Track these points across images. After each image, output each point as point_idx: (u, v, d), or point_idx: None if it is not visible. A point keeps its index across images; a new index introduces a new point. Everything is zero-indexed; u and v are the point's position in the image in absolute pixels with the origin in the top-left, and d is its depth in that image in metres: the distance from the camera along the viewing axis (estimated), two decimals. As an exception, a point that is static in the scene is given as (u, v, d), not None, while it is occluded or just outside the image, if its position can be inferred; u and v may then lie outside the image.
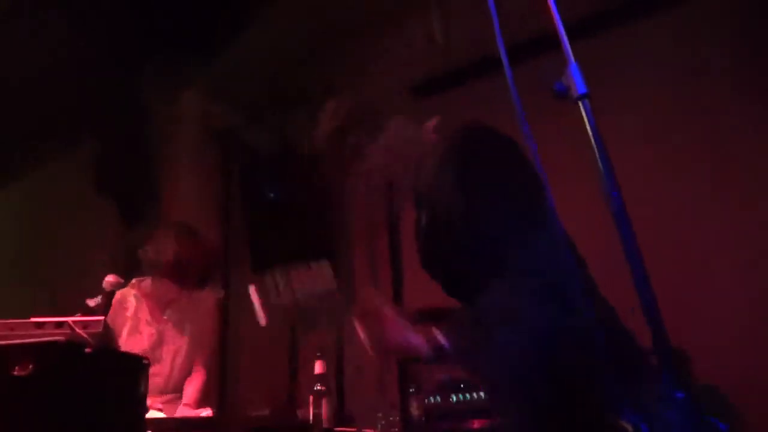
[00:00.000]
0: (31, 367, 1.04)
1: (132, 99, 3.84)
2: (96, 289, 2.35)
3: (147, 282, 2.31)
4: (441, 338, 1.16)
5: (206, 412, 1.95)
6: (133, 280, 2.33)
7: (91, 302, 2.18)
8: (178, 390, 2.22)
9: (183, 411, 2.08)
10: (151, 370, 2.13)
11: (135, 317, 2.26)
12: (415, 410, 2.24)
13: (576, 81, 0.78)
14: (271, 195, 3.81)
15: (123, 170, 3.79)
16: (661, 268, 1.17)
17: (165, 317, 2.29)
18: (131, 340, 2.20)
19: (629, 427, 0.72)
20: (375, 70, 3.74)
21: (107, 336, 1.29)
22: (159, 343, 2.25)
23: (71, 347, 1.08)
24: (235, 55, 3.79)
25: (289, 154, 4.02)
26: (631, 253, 0.72)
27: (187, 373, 2.26)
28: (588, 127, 0.76)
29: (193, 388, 2.21)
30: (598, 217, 1.11)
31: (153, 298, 2.30)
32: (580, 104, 0.77)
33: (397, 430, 2.10)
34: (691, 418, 0.64)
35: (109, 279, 2.00)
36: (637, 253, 0.72)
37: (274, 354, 3.96)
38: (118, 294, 2.26)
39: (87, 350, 1.10)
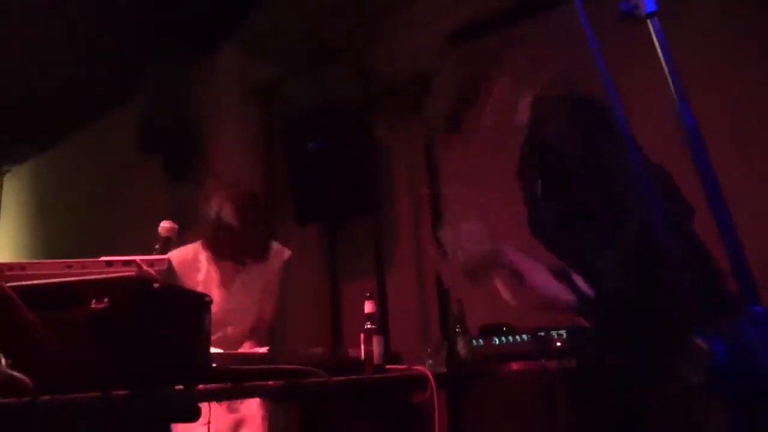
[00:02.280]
0: (106, 300, 1.10)
1: (172, 56, 3.87)
2: (148, 244, 2.43)
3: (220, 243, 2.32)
4: (582, 284, 1.16)
5: (263, 349, 2.03)
6: (202, 240, 2.34)
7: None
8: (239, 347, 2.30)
9: (245, 348, 2.17)
10: (224, 331, 2.21)
11: (206, 281, 2.28)
12: (461, 349, 2.29)
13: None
14: (315, 148, 3.82)
15: (168, 127, 3.86)
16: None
17: (236, 281, 2.32)
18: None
19: (704, 345, 0.73)
20: (416, 18, 3.67)
21: (172, 274, 1.34)
22: (229, 308, 2.29)
23: (142, 282, 1.14)
24: (273, 7, 3.76)
25: (332, 107, 4.02)
26: (705, 176, 0.71)
27: (249, 331, 2.33)
28: (657, 47, 0.73)
29: (257, 338, 2.28)
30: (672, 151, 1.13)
31: (224, 261, 2.32)
32: (649, 23, 0.74)
33: (443, 367, 2.15)
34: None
35: (165, 225, 2.06)
36: (712, 175, 0.70)
37: (318, 300, 4.06)
38: (190, 252, 2.30)
39: (155, 286, 1.16)
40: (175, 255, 2.21)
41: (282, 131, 4.10)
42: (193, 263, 2.27)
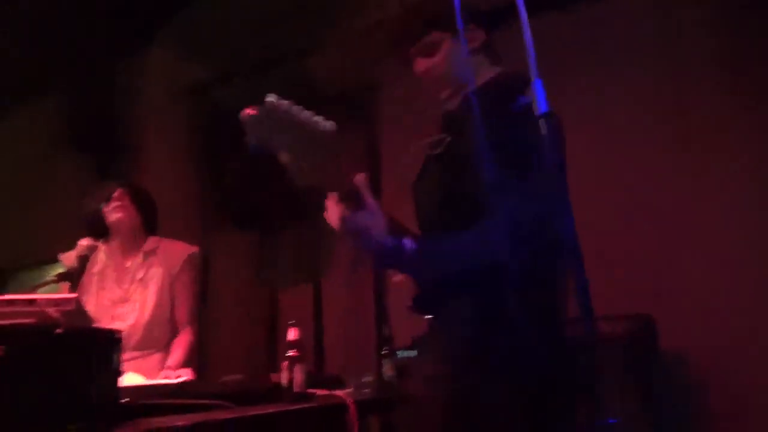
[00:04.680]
0: (1, 349, 1.06)
1: (98, 52, 3.73)
2: (71, 243, 2.36)
3: (113, 239, 2.33)
4: (410, 245, 1.16)
5: (184, 377, 2.00)
6: (103, 239, 2.34)
7: (64, 257, 2.20)
8: (140, 348, 2.25)
9: (164, 373, 2.13)
10: (110, 326, 2.18)
11: (101, 274, 2.28)
12: (387, 370, 2.32)
13: (539, 98, 0.78)
14: (248, 153, 3.76)
15: (92, 123, 3.73)
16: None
17: (130, 275, 2.30)
18: (97, 298, 2.23)
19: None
20: (361, 26, 3.65)
21: (79, 313, 1.30)
22: (123, 300, 2.27)
23: (41, 330, 1.10)
24: (211, 7, 3.67)
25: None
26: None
27: (157, 331, 2.28)
28: (550, 147, 0.76)
29: (180, 350, 2.24)
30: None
31: (117, 254, 2.32)
32: (541, 122, 0.77)
33: (368, 390, 2.17)
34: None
35: (83, 242, 2.01)
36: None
37: (253, 317, 4.02)
38: (93, 246, 2.29)
39: (57, 331, 1.12)
40: (89, 240, 2.28)
41: (214, 135, 4.02)
42: (93, 258, 2.29)
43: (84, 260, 1.96)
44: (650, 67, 2.95)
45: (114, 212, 2.28)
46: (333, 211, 1.15)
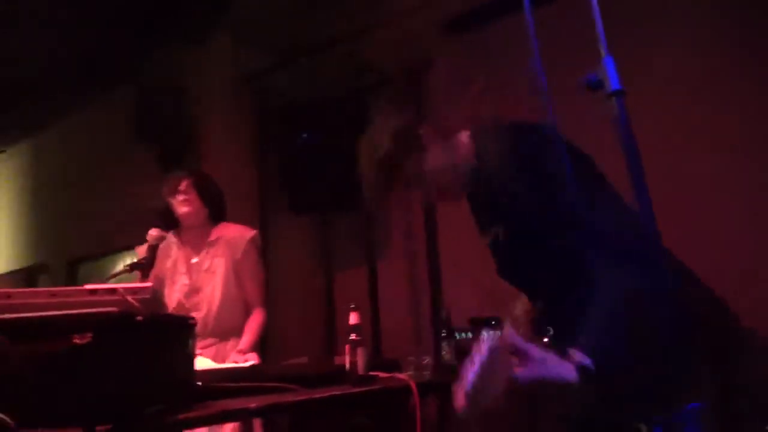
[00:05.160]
0: (89, 336, 1.13)
1: (163, 44, 3.84)
2: (141, 235, 2.47)
3: (184, 231, 2.41)
4: (581, 358, 1.04)
5: (251, 361, 2.07)
6: (175, 230, 2.42)
7: (139, 250, 2.29)
8: (216, 335, 2.33)
9: (234, 357, 2.20)
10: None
11: (173, 266, 2.36)
12: (446, 353, 2.33)
13: (610, 76, 0.76)
14: (307, 138, 3.81)
15: (159, 116, 3.85)
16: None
17: (196, 265, 2.37)
18: (171, 290, 2.32)
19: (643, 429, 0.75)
20: (406, 8, 3.62)
21: (155, 300, 1.37)
22: (194, 290, 2.34)
23: (124, 317, 1.16)
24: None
25: (324, 97, 3.99)
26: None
27: (231, 318, 2.35)
28: (619, 126, 0.74)
29: (251, 332, 2.29)
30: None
31: (187, 246, 2.39)
32: (613, 100, 0.75)
33: (428, 372, 2.19)
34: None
35: (152, 233, 2.09)
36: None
37: (310, 290, 4.10)
38: (166, 238, 2.37)
39: (138, 318, 1.18)
40: (158, 231, 2.27)
41: (275, 121, 4.08)
42: (166, 249, 2.35)
43: (154, 249, 2.04)
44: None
45: (181, 205, 2.34)
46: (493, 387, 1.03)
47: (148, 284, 1.32)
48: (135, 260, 2.02)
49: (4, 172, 6.00)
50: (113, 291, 1.29)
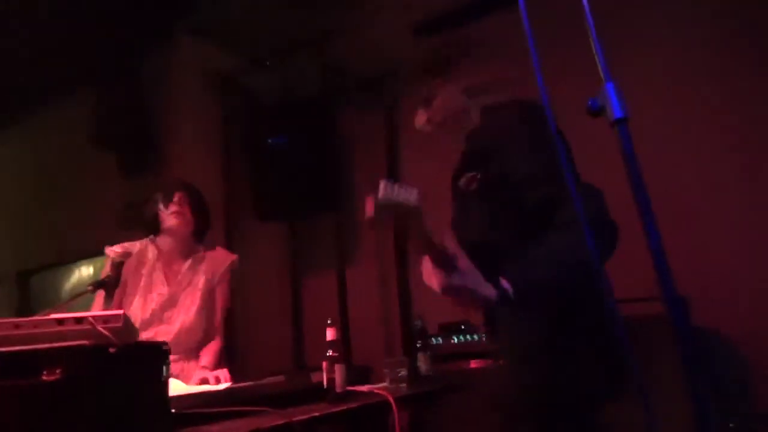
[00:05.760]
0: (59, 371, 1.06)
1: (127, 46, 3.69)
2: (102, 243, 2.37)
3: (163, 240, 2.33)
4: (507, 286, 1.20)
5: (222, 377, 2.01)
6: (151, 236, 2.35)
7: (109, 251, 2.20)
8: (182, 352, 2.27)
9: (201, 373, 2.14)
10: (159, 329, 2.20)
11: (149, 276, 2.28)
12: (422, 364, 2.32)
13: (613, 103, 0.74)
14: (276, 142, 3.74)
15: (121, 120, 3.70)
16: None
17: (179, 278, 2.31)
18: (145, 300, 2.23)
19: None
20: (376, 9, 3.59)
21: (128, 328, 1.30)
22: (170, 304, 2.28)
23: (96, 350, 1.10)
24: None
25: (293, 100, 3.92)
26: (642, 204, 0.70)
27: (196, 335, 2.29)
28: (624, 154, 0.73)
29: (210, 353, 2.26)
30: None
31: (167, 257, 2.32)
32: (616, 128, 0.74)
33: (404, 385, 2.17)
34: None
35: (116, 249, 2.00)
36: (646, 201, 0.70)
37: (279, 296, 4.03)
38: (137, 246, 2.31)
39: (111, 350, 1.12)
40: (121, 247, 2.28)
41: (242, 124, 3.99)
42: (139, 257, 2.29)
43: (119, 267, 1.95)
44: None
45: (173, 217, 2.29)
46: (430, 275, 1.21)
47: (120, 312, 1.24)
48: (98, 279, 1.93)
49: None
50: (82, 320, 1.22)
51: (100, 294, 1.96)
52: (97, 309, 2.06)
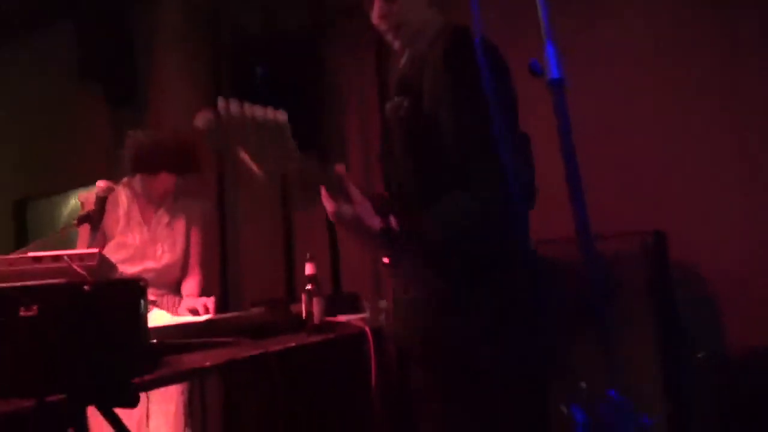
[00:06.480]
0: (35, 308, 1.12)
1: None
2: (90, 175, 2.40)
3: (137, 180, 2.35)
4: (394, 224, 1.20)
5: (208, 304, 2.10)
6: (125, 179, 2.37)
7: (83, 198, 2.23)
8: (169, 286, 2.37)
9: (189, 301, 2.24)
10: (144, 265, 2.28)
11: (127, 216, 2.34)
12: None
13: (551, 64, 0.75)
14: (262, 74, 3.68)
15: (106, 51, 3.63)
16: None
17: (156, 216, 2.36)
18: (124, 238, 2.30)
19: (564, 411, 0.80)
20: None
21: (104, 265, 1.35)
22: (151, 241, 2.35)
23: (71, 288, 1.15)
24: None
25: (280, 31, 3.83)
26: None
27: (179, 272, 2.38)
28: (558, 114, 0.75)
29: (191, 286, 2.34)
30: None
31: (144, 197, 2.36)
32: (552, 89, 0.75)
33: (383, 317, 2.26)
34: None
35: (101, 184, 2.03)
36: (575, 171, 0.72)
37: (271, 252, 4.11)
38: (113, 188, 2.32)
39: (85, 288, 1.17)
40: (105, 182, 2.20)
41: (228, 57, 3.92)
42: (114, 199, 2.31)
43: (103, 201, 1.99)
44: None
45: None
46: (327, 204, 1.19)
47: (95, 250, 1.30)
48: (82, 213, 1.97)
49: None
50: (59, 258, 1.27)
51: (85, 228, 2.01)
52: (82, 243, 2.12)
